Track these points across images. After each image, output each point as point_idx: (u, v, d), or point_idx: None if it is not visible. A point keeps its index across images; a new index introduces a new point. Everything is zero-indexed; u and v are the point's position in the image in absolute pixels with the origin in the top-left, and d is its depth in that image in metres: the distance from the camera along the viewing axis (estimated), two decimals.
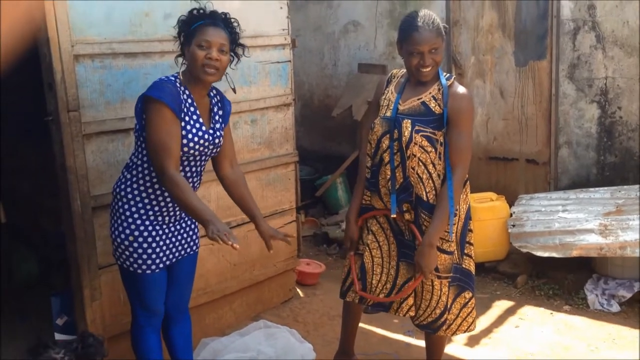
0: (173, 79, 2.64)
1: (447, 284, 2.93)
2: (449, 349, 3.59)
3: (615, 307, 4.11)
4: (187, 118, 2.62)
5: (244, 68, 3.71)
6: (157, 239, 2.71)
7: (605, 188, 4.73)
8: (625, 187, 4.67)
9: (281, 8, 3.89)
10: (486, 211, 4.70)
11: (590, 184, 4.97)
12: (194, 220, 2.92)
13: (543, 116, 5.20)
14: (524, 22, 5.19)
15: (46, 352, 1.93)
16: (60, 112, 2.89)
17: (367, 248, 3.04)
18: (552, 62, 5.06)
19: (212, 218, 2.46)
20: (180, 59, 2.71)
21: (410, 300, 2.98)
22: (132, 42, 3.11)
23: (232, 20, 2.70)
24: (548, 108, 5.15)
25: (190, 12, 2.65)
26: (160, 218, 2.71)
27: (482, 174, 5.51)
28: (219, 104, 2.83)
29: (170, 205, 2.72)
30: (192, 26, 2.61)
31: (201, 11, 2.63)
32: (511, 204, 4.85)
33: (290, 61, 4.00)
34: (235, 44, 2.71)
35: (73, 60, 2.91)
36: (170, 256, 2.79)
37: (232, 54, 2.71)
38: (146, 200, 2.68)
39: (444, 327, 3.00)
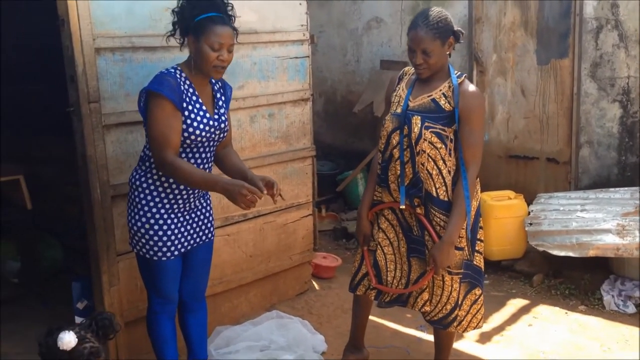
0: (173, 70, 2.70)
1: (459, 280, 2.96)
2: (461, 346, 3.61)
3: (632, 309, 4.08)
4: (190, 107, 2.68)
5: (262, 63, 3.78)
6: (173, 227, 2.79)
7: (626, 188, 4.68)
8: None
9: (300, 4, 3.95)
10: (504, 209, 4.70)
11: (611, 184, 4.92)
12: (209, 209, 2.99)
13: (564, 115, 5.16)
14: (546, 20, 5.16)
15: (59, 331, 2.01)
16: (82, 103, 2.99)
17: (378, 246, 3.07)
18: (575, 60, 5.02)
19: (223, 184, 2.56)
20: (185, 49, 2.71)
21: (426, 295, 3.01)
22: (152, 36, 3.19)
23: (232, 10, 2.70)
24: (569, 107, 5.12)
25: (191, 2, 2.63)
26: (175, 207, 2.79)
27: (502, 172, 5.49)
28: (221, 90, 2.89)
29: (184, 193, 2.79)
30: (196, 18, 2.61)
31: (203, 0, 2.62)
32: (530, 203, 4.82)
33: (308, 57, 4.05)
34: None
35: (94, 53, 3.01)
36: (185, 244, 2.86)
37: None
38: (160, 189, 2.75)
39: (455, 324, 3.02)
